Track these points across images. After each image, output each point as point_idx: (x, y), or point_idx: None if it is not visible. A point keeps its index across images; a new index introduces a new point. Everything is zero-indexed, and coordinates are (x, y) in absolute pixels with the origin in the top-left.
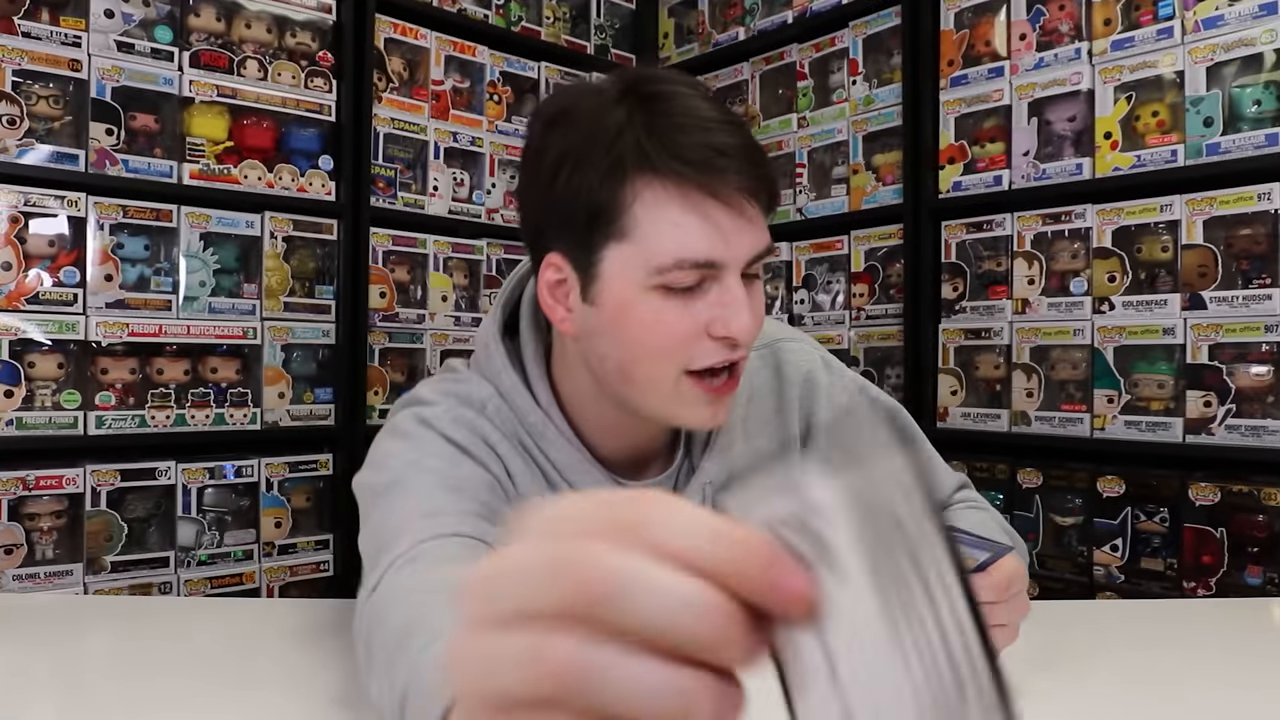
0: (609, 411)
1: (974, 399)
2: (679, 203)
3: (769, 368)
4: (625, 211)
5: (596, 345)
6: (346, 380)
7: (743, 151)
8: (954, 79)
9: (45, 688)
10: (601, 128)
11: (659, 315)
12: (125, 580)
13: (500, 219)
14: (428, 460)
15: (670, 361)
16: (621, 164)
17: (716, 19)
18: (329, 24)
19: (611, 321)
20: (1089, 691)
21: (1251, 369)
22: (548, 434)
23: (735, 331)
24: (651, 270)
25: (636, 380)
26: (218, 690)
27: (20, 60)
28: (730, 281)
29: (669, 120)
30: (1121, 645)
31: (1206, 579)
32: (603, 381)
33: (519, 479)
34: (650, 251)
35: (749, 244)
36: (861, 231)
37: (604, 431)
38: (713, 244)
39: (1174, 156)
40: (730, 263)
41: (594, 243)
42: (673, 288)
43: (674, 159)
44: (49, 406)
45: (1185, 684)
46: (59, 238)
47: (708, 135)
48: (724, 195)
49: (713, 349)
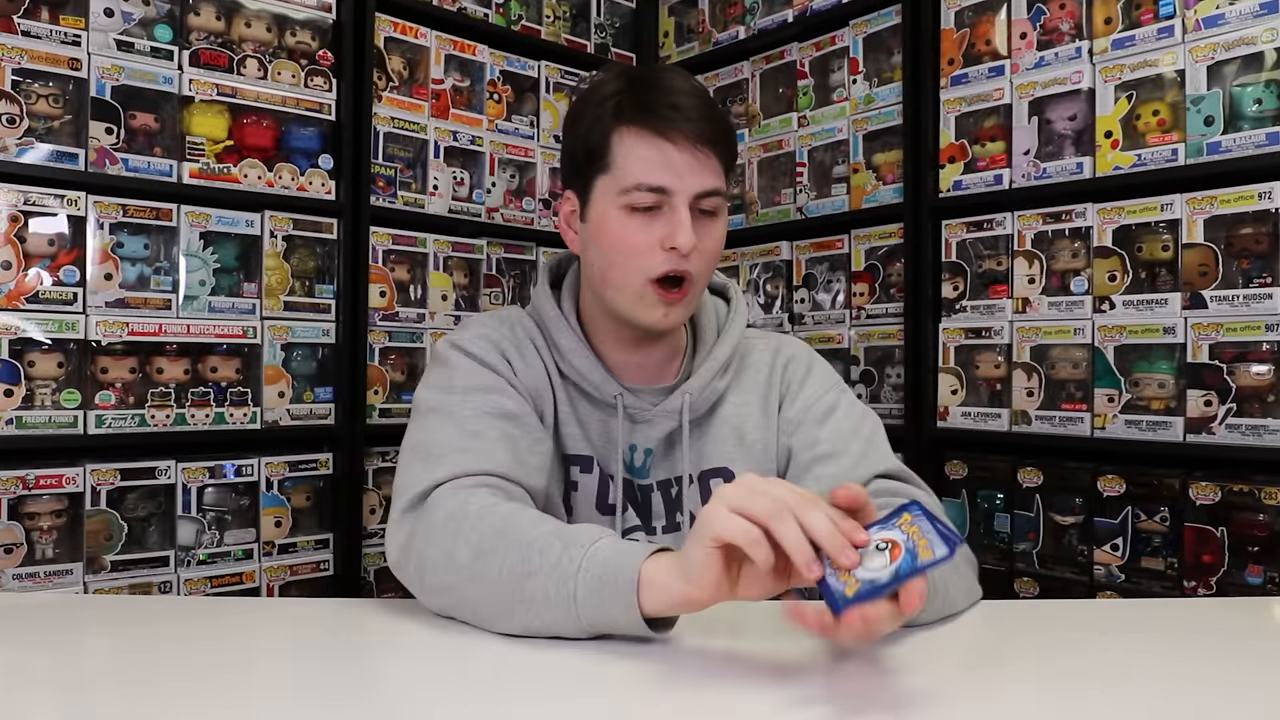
0: (608, 322)
1: (974, 398)
2: (642, 142)
3: (770, 350)
4: (608, 151)
5: (589, 255)
6: (346, 379)
7: (698, 109)
8: (954, 78)
9: (45, 687)
10: (600, 95)
11: (624, 229)
12: (125, 580)
13: (500, 218)
14: (457, 377)
15: (635, 268)
16: (604, 117)
17: (717, 18)
18: (329, 23)
19: (595, 233)
20: (1089, 691)
21: (1252, 368)
22: (560, 326)
23: (679, 243)
24: (619, 191)
25: (612, 282)
26: (217, 690)
27: (20, 59)
28: (678, 205)
29: (645, 88)
30: (1121, 645)
31: (1207, 578)
32: (596, 289)
33: (522, 374)
34: (620, 177)
35: (698, 181)
36: (862, 231)
37: (609, 341)
38: (665, 174)
39: (1174, 155)
40: (680, 191)
41: (588, 176)
42: (635, 207)
43: (643, 112)
44: (49, 406)
45: (1186, 684)
46: (59, 237)
47: (672, 97)
48: (677, 140)
49: (664, 259)
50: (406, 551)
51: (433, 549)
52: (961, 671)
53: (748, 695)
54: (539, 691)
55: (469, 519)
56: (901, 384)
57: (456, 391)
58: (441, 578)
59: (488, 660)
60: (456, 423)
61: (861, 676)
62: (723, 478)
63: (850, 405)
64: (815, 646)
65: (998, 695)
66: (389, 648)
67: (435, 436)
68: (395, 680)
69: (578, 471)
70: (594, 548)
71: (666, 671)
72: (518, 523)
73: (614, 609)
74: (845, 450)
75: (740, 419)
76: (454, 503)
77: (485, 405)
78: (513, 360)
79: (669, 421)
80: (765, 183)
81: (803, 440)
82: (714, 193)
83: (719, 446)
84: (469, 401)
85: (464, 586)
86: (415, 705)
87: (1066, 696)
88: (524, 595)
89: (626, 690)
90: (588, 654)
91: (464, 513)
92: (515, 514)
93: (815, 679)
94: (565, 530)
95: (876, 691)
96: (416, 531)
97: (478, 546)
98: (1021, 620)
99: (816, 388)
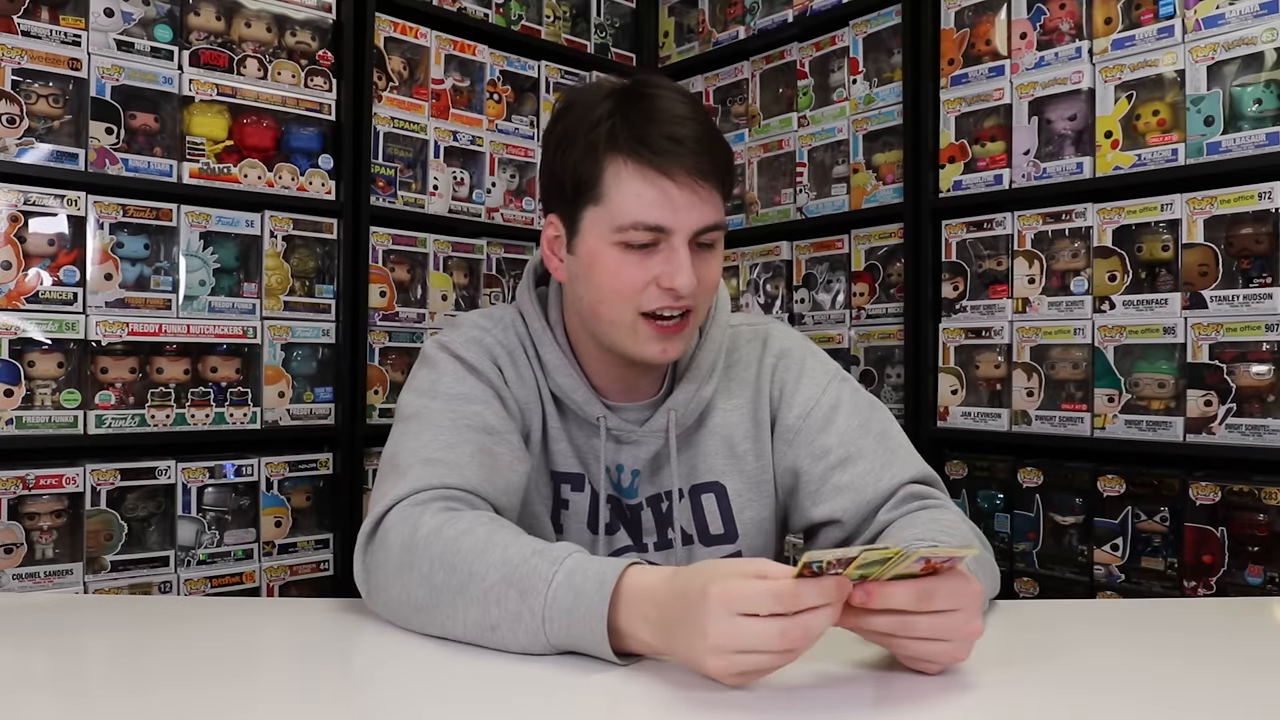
0: (594, 343)
1: (974, 398)
2: (639, 178)
3: (758, 340)
4: (599, 181)
5: (576, 288)
6: (346, 379)
7: (699, 142)
8: (954, 78)
9: (44, 687)
10: (590, 116)
11: (619, 266)
12: (125, 579)
13: (500, 218)
14: (442, 383)
15: (627, 304)
16: (598, 145)
17: (717, 18)
18: (329, 23)
19: (585, 268)
20: (1088, 691)
21: (1252, 368)
22: (545, 340)
23: (677, 285)
24: (614, 228)
25: (603, 318)
26: (217, 690)
27: (20, 59)
28: (677, 245)
29: (641, 114)
30: (1121, 645)
31: (1207, 578)
32: (583, 318)
33: (513, 385)
34: (615, 213)
35: (697, 217)
36: (862, 231)
37: (594, 361)
38: (663, 213)
39: (1174, 155)
40: (678, 230)
41: (577, 205)
42: (630, 244)
43: (639, 144)
44: (49, 406)
45: (1186, 684)
46: (59, 237)
47: (671, 127)
48: (677, 175)
49: (658, 296)
50: (369, 590)
51: (392, 587)
52: (961, 671)
53: (746, 697)
54: (540, 692)
55: (417, 549)
56: (901, 384)
57: (439, 397)
58: (404, 615)
59: (489, 660)
60: (433, 431)
61: (860, 676)
62: (713, 492)
63: (854, 398)
64: (817, 649)
65: (997, 695)
66: (389, 648)
67: (408, 445)
68: (395, 680)
69: (568, 489)
70: (551, 595)
71: (665, 672)
72: (463, 554)
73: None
74: (859, 452)
75: (729, 427)
76: (405, 530)
77: (465, 416)
78: (504, 368)
79: (656, 441)
80: (765, 183)
81: (810, 451)
82: (714, 227)
83: (709, 460)
84: (449, 410)
85: (427, 624)
86: (416, 705)
87: (1066, 696)
88: (490, 640)
89: (622, 687)
90: (591, 658)
91: (412, 542)
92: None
93: (814, 679)
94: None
95: (875, 691)
96: (372, 567)
97: (431, 583)
98: (1021, 620)
99: (813, 387)
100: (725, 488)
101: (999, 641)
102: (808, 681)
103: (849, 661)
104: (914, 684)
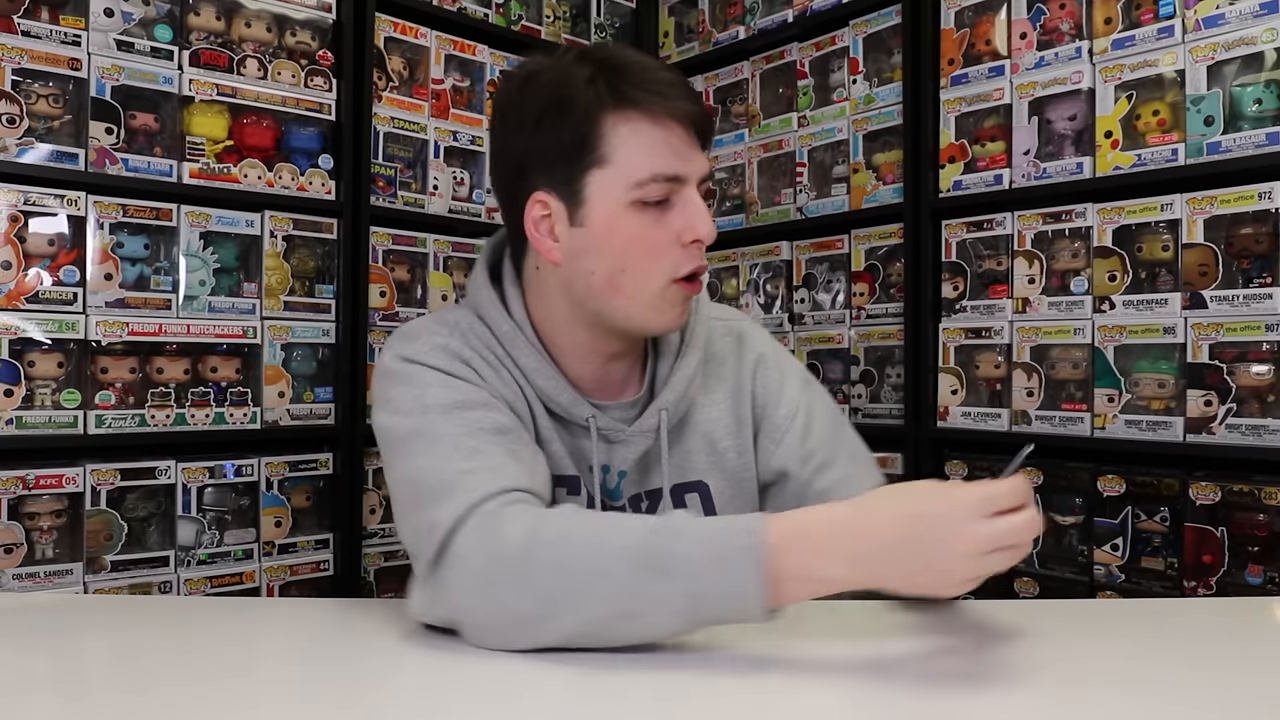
0: (580, 335)
1: (974, 398)
2: (649, 127)
3: (733, 336)
4: (603, 142)
5: (584, 263)
6: (346, 379)
7: (684, 88)
8: (954, 78)
9: (45, 688)
10: (572, 82)
11: (642, 228)
12: (125, 579)
13: (500, 218)
14: (429, 395)
15: (657, 270)
16: (597, 103)
17: (717, 18)
18: (329, 23)
19: (600, 237)
20: (1088, 691)
21: (1252, 368)
22: (518, 342)
23: (702, 234)
24: (631, 185)
25: (624, 288)
26: (217, 690)
27: (20, 59)
28: (691, 193)
29: (624, 70)
30: (1121, 645)
31: (1207, 578)
32: (585, 299)
33: (499, 390)
34: (628, 170)
35: (700, 163)
36: (862, 231)
37: (573, 355)
38: (676, 160)
39: (1174, 155)
40: (690, 177)
41: (577, 173)
42: (647, 201)
43: (643, 92)
44: (49, 406)
45: (1186, 684)
46: (59, 237)
47: (657, 74)
48: (680, 122)
49: (686, 256)
50: (448, 618)
51: (482, 608)
52: (961, 671)
53: (748, 697)
54: (541, 692)
55: (510, 562)
56: (901, 384)
57: (432, 411)
58: (504, 633)
59: (490, 660)
60: (446, 445)
61: (860, 677)
62: (697, 492)
63: (823, 403)
64: (811, 648)
65: (997, 695)
66: (389, 648)
67: (424, 465)
68: (396, 681)
69: (564, 494)
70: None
71: (672, 676)
72: (574, 554)
73: (737, 609)
74: (836, 455)
75: (711, 424)
76: (487, 546)
77: (474, 422)
78: (482, 372)
79: (645, 441)
80: (765, 183)
81: (795, 454)
82: (709, 175)
83: (693, 459)
84: (453, 420)
85: (539, 634)
86: (416, 706)
87: (1066, 696)
88: (621, 632)
89: (637, 694)
90: (594, 656)
91: (500, 556)
92: (561, 542)
93: (811, 679)
94: (642, 556)
95: (874, 691)
96: (449, 594)
97: (539, 591)
98: (1021, 620)
99: (793, 391)
100: (708, 486)
101: (998, 641)
102: (808, 682)
103: (848, 661)
104: (913, 683)
